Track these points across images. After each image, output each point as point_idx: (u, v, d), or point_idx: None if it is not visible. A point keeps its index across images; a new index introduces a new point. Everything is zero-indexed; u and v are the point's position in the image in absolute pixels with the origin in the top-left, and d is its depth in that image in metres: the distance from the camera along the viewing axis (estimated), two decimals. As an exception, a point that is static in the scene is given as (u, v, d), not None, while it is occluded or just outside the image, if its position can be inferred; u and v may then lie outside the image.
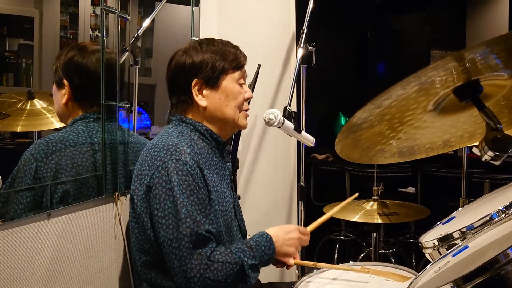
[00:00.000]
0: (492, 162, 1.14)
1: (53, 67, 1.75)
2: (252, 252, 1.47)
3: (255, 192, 2.21)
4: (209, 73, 1.57)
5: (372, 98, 1.13)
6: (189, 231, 1.38)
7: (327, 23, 4.39)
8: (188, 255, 1.38)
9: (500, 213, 1.38)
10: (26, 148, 1.61)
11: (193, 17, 2.24)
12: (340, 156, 1.43)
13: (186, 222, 1.38)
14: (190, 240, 1.38)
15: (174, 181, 1.41)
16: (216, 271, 1.39)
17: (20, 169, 1.56)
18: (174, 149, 1.46)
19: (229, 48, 1.62)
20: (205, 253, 1.39)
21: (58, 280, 1.43)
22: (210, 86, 1.58)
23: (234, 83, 1.60)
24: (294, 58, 2.93)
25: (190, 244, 1.38)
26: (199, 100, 1.57)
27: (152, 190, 1.44)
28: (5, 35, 3.81)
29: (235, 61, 1.60)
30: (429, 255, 1.53)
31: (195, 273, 1.37)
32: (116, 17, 1.74)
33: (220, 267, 1.39)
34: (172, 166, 1.42)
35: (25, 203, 1.49)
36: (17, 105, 2.39)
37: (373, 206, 2.51)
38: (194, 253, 1.38)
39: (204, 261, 1.38)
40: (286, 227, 1.63)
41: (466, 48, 0.98)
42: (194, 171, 1.44)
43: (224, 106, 1.59)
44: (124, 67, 1.89)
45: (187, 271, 1.37)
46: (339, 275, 1.70)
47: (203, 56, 1.57)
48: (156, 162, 1.46)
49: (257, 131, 2.80)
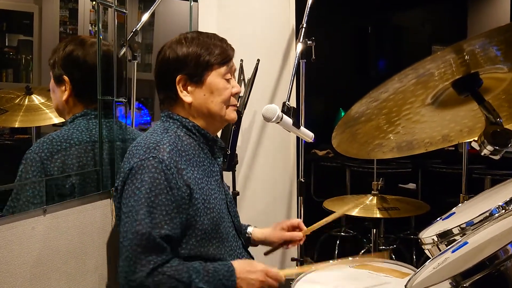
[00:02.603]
0: (492, 156, 1.12)
1: (50, 61, 1.71)
2: (207, 276, 1.43)
3: (254, 188, 2.20)
4: (192, 69, 1.53)
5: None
6: (142, 234, 1.36)
7: (327, 18, 4.38)
8: (134, 257, 1.36)
9: (500, 209, 1.37)
10: (24, 144, 1.61)
11: (191, 12, 2.23)
12: (337, 150, 1.41)
13: (141, 224, 1.36)
14: (141, 244, 1.36)
15: (144, 179, 1.39)
16: (158, 283, 1.36)
17: (27, 170, 1.53)
18: (153, 147, 1.44)
19: (215, 42, 1.57)
20: (154, 261, 1.37)
21: (53, 276, 1.42)
22: (194, 82, 1.54)
23: (219, 78, 1.55)
24: (293, 53, 2.91)
25: (139, 248, 1.36)
26: (184, 96, 1.54)
27: (125, 187, 1.43)
28: (5, 30, 3.81)
29: (220, 55, 1.55)
30: (428, 251, 1.52)
31: (136, 277, 1.36)
32: (113, 11, 1.72)
33: (165, 280, 1.37)
34: (147, 163, 1.41)
35: (20, 200, 1.49)
36: (15, 100, 2.38)
37: (372, 200, 2.50)
38: (142, 258, 1.36)
39: (148, 269, 1.36)
40: (253, 265, 1.54)
41: (465, 40, 0.96)
42: (169, 171, 1.42)
43: (209, 102, 1.55)
44: (122, 62, 1.87)
45: (129, 273, 1.36)
46: (337, 271, 1.69)
47: (187, 50, 1.53)
48: (134, 159, 1.44)
49: (256, 127, 2.79)
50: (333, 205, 2.45)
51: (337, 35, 5.26)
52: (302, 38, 2.32)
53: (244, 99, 2.30)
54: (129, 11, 1.80)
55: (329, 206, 2.44)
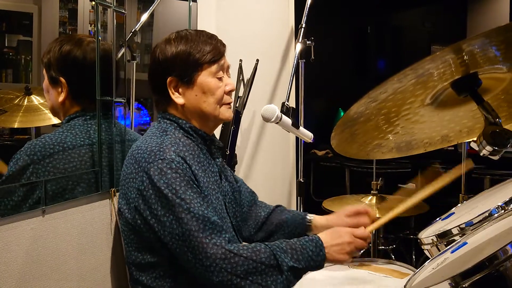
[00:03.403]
0: (491, 156, 1.12)
1: (43, 60, 1.66)
2: (296, 254, 1.37)
3: (254, 188, 2.18)
4: (182, 69, 1.49)
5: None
6: (196, 217, 1.33)
7: (326, 18, 4.37)
8: (200, 243, 1.32)
9: (499, 209, 1.37)
10: (24, 144, 1.58)
11: (190, 12, 2.22)
12: (336, 151, 1.41)
13: (190, 211, 1.34)
14: (198, 228, 1.33)
15: (164, 180, 1.37)
16: (235, 265, 1.31)
17: (15, 170, 1.51)
18: (157, 150, 1.42)
19: (205, 39, 1.52)
20: (219, 241, 1.33)
21: (53, 276, 1.42)
22: (185, 83, 1.50)
23: (210, 77, 1.51)
24: (292, 53, 2.91)
25: (199, 233, 1.32)
26: (176, 98, 1.51)
27: (145, 193, 1.40)
28: (4, 31, 3.80)
29: (210, 53, 1.50)
30: (428, 252, 1.52)
31: (211, 261, 1.31)
32: (112, 11, 1.72)
33: (242, 261, 1.32)
34: (159, 167, 1.38)
35: (17, 201, 1.48)
36: (15, 101, 2.37)
37: (371, 200, 2.50)
38: (207, 241, 1.32)
39: (221, 249, 1.32)
40: (338, 231, 1.46)
41: (465, 40, 0.96)
42: (182, 166, 1.40)
43: (202, 102, 1.51)
44: (120, 62, 1.86)
45: (203, 260, 1.31)
46: (337, 271, 1.69)
47: (176, 50, 1.50)
48: (141, 164, 1.41)
49: (256, 127, 2.79)
50: (332, 205, 2.46)
51: (336, 35, 5.26)
52: (301, 38, 2.32)
53: (243, 99, 2.30)
54: (128, 12, 1.79)
55: (329, 206, 2.44)
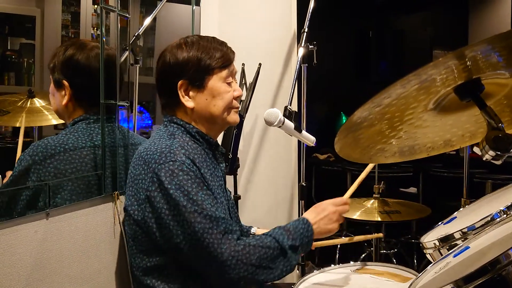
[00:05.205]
0: (493, 161, 1.13)
1: (50, 65, 1.70)
2: (291, 235, 1.47)
3: (256, 191, 2.20)
4: (194, 73, 1.52)
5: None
6: (207, 219, 1.37)
7: (329, 23, 4.39)
8: (215, 240, 1.36)
9: (501, 213, 1.37)
10: (26, 148, 1.60)
11: (193, 16, 2.23)
12: (340, 155, 1.41)
13: (199, 211, 1.37)
14: (211, 226, 1.37)
15: (176, 182, 1.39)
16: (248, 255, 1.37)
17: (19, 171, 1.54)
18: (168, 151, 1.44)
19: (216, 45, 1.56)
20: (232, 237, 1.38)
21: (56, 279, 1.42)
22: (196, 87, 1.53)
23: (221, 82, 1.55)
24: (295, 57, 2.92)
25: (213, 231, 1.36)
26: (186, 101, 1.54)
27: (155, 194, 1.41)
28: (7, 34, 3.84)
29: (221, 59, 1.54)
30: (430, 256, 1.52)
31: (227, 256, 1.35)
32: (116, 15, 1.73)
33: (252, 250, 1.39)
34: (170, 168, 1.40)
35: (22, 204, 1.49)
36: (18, 103, 2.39)
37: (373, 204, 2.50)
38: (220, 237, 1.37)
39: (233, 243, 1.37)
40: (319, 206, 1.60)
41: (467, 46, 0.96)
42: (192, 168, 1.42)
43: (211, 106, 1.55)
44: (124, 66, 1.87)
45: (218, 256, 1.35)
46: (339, 276, 1.70)
47: (187, 54, 1.53)
48: (151, 165, 1.43)
49: (258, 131, 2.80)
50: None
51: (339, 39, 5.27)
52: (303, 43, 2.33)
53: (245, 103, 2.31)
54: (131, 15, 1.81)
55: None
